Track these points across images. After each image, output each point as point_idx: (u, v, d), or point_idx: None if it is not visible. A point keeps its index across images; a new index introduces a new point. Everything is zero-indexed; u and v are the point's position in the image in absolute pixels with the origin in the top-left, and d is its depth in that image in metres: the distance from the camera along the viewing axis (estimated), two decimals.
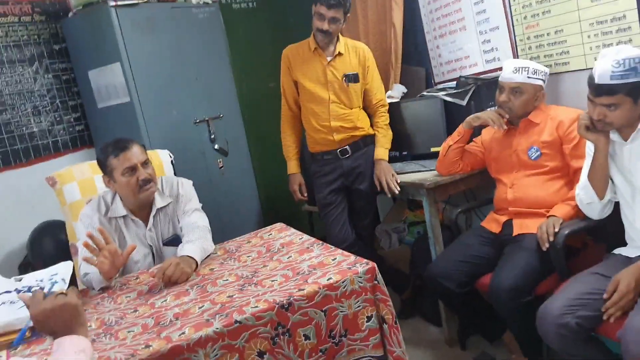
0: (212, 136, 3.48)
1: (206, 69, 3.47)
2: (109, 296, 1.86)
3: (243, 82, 3.72)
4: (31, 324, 1.15)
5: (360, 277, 1.59)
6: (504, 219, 2.34)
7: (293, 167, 2.91)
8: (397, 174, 2.69)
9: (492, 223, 2.38)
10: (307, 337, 1.52)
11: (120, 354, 1.39)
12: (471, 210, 3.00)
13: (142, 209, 2.14)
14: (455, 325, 2.61)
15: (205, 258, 2.02)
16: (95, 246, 1.86)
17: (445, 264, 2.29)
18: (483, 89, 2.64)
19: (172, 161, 2.67)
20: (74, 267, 1.96)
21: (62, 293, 1.17)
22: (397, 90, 3.17)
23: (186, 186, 2.23)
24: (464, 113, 2.57)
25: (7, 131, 3.26)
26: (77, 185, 2.45)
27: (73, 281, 1.93)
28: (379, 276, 1.63)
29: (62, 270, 1.91)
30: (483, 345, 2.49)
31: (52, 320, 1.15)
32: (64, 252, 2.59)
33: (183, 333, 1.42)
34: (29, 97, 3.37)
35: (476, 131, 2.51)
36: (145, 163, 2.08)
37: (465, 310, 2.40)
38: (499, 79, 2.32)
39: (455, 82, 2.88)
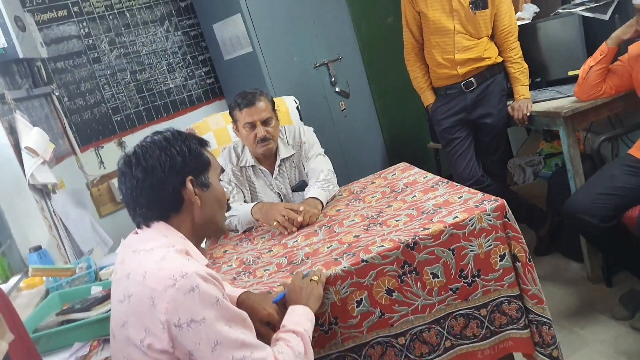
0: (333, 79, 3.48)
1: (323, 11, 3.44)
2: (247, 237, 2.00)
3: (361, 21, 3.62)
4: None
5: (488, 215, 1.53)
6: None
7: (429, 97, 2.74)
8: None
9: None
10: (435, 276, 1.51)
11: (258, 290, 1.50)
12: (617, 137, 2.72)
13: (267, 159, 2.23)
14: (599, 261, 2.44)
15: (331, 199, 2.08)
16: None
17: (586, 197, 2.13)
18: None
19: (297, 107, 2.73)
20: None
21: (313, 280, 1.42)
22: (528, 11, 2.88)
23: (308, 133, 2.29)
24: (606, 29, 2.30)
25: (148, 89, 3.55)
26: (212, 135, 2.62)
27: None
28: (509, 213, 1.56)
29: None
30: (632, 282, 2.30)
31: (299, 295, 1.39)
32: None
33: None
34: (163, 55, 3.62)
35: (621, 49, 2.23)
36: (267, 120, 2.12)
37: (611, 246, 2.22)
38: (633, 1, 2.02)
39: None
